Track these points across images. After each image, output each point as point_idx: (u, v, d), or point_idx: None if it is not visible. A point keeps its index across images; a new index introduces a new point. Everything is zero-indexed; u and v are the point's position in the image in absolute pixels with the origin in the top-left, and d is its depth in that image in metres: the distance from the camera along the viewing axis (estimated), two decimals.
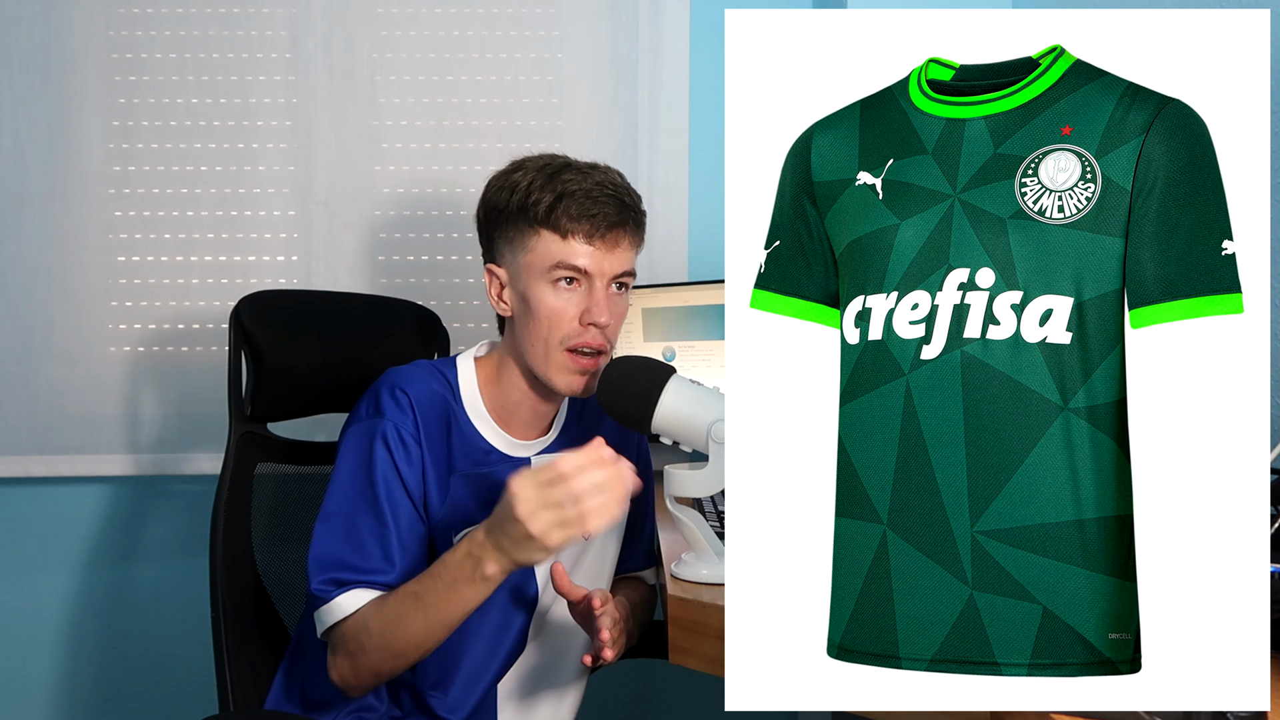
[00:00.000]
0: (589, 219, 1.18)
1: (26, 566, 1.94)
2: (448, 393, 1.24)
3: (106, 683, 1.96)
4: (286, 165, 1.92)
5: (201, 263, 1.92)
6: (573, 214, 1.17)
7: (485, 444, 1.24)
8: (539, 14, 1.93)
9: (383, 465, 1.17)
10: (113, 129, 1.90)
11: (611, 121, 1.93)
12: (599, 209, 1.18)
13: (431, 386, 1.22)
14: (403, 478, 1.18)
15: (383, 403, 1.20)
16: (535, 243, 1.19)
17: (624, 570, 1.39)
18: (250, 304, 1.35)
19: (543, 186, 1.18)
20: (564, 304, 1.19)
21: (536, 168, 1.21)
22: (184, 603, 1.89)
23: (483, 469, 1.23)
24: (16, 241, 1.88)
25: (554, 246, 1.18)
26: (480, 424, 1.25)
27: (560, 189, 1.18)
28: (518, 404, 1.26)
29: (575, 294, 1.19)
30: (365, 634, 1.12)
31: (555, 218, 1.18)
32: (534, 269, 1.19)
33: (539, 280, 1.19)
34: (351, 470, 1.18)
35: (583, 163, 1.23)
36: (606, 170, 1.23)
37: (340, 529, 1.16)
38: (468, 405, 1.25)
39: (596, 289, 1.20)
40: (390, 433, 1.18)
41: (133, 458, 1.89)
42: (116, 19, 1.89)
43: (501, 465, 1.24)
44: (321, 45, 1.91)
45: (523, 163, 1.23)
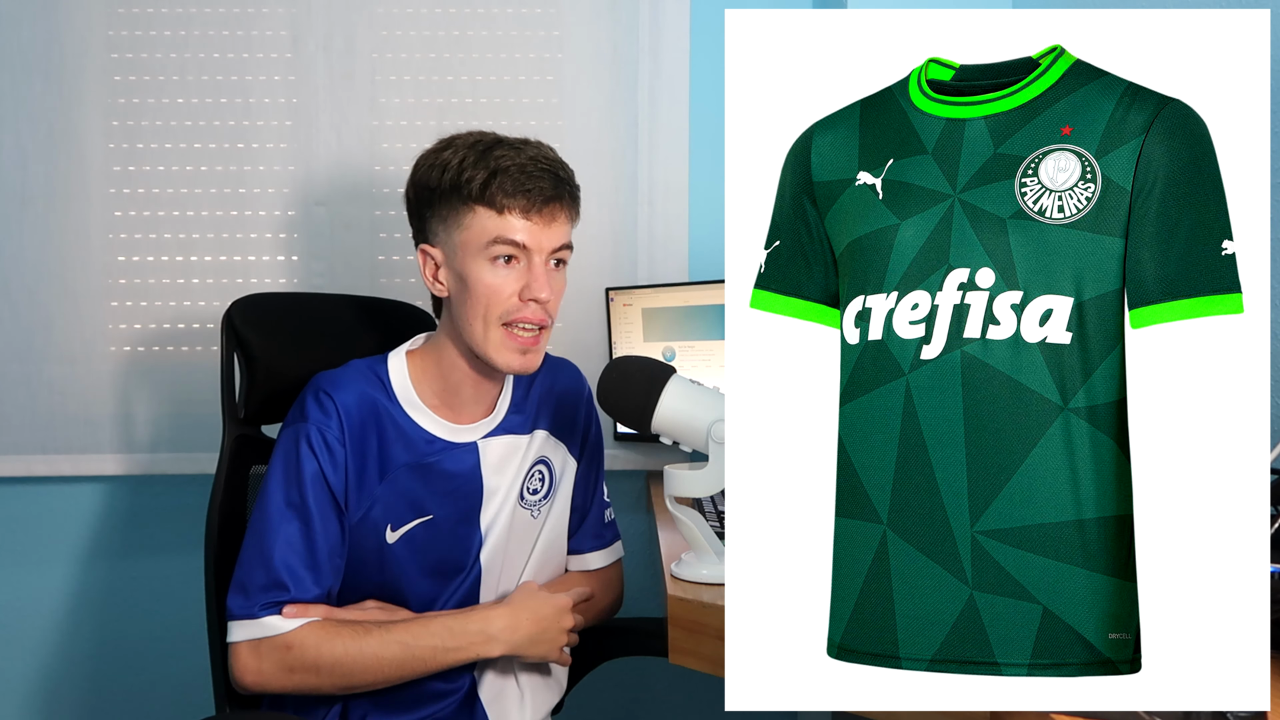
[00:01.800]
0: (524, 194, 1.16)
1: (25, 565, 1.94)
2: (379, 391, 1.24)
3: (103, 682, 1.96)
4: (286, 165, 1.92)
5: (202, 262, 1.92)
6: (508, 189, 1.16)
7: (426, 434, 1.24)
8: (539, 14, 1.93)
9: (309, 468, 1.18)
10: (113, 129, 1.90)
11: (611, 121, 1.93)
12: (534, 184, 1.16)
13: (359, 388, 1.22)
14: (327, 480, 1.19)
15: (307, 407, 1.21)
16: (470, 220, 1.18)
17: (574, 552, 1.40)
18: (242, 307, 1.34)
19: (475, 163, 1.17)
20: (502, 281, 1.18)
21: (467, 145, 1.19)
22: (183, 603, 1.89)
23: (428, 459, 1.24)
24: (17, 241, 1.88)
25: (490, 223, 1.17)
26: (418, 415, 1.24)
27: (494, 165, 1.16)
28: (459, 385, 1.25)
29: (513, 270, 1.18)
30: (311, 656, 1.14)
31: (490, 194, 1.16)
32: (470, 246, 1.18)
33: (476, 258, 1.18)
34: (279, 475, 1.19)
35: (514, 138, 1.22)
36: (539, 145, 1.21)
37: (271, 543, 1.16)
38: (402, 400, 1.24)
39: (535, 264, 1.18)
40: (314, 435, 1.18)
41: (133, 457, 1.90)
42: (116, 19, 1.89)
43: (446, 453, 1.25)
44: (321, 45, 1.91)
45: (452, 140, 1.22)
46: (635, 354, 1.32)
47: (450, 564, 1.26)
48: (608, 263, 1.92)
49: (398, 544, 1.23)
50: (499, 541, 1.29)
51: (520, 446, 1.31)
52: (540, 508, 1.34)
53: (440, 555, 1.26)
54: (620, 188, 1.91)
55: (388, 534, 1.23)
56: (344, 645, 1.15)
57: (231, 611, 1.16)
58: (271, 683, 1.16)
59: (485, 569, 1.28)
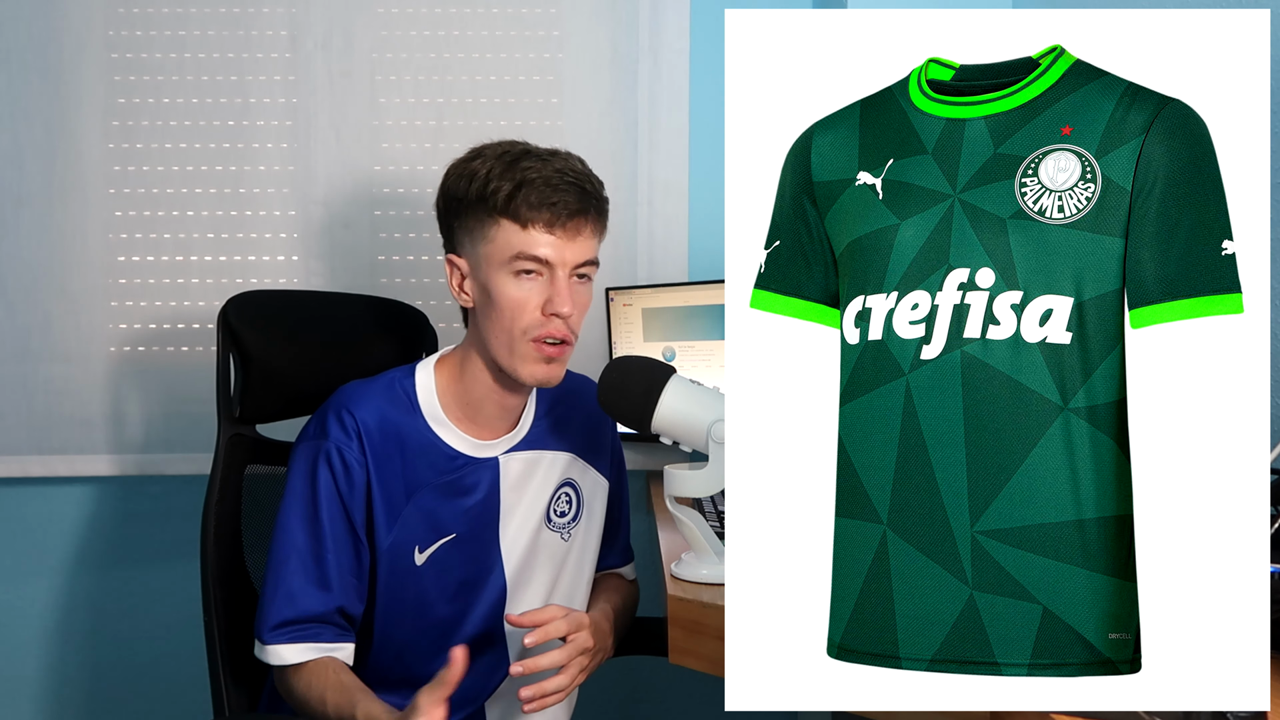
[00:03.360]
0: (549, 207, 1.14)
1: (22, 566, 1.94)
2: (403, 410, 1.22)
3: (100, 682, 1.96)
4: (286, 165, 1.92)
5: (201, 262, 1.91)
6: (532, 202, 1.14)
7: (450, 450, 1.23)
8: (539, 14, 1.93)
9: (325, 487, 1.18)
10: (112, 129, 1.90)
11: (611, 121, 1.93)
12: (559, 197, 1.15)
13: (382, 410, 1.21)
14: (343, 500, 1.18)
15: (328, 424, 1.20)
16: (495, 233, 1.16)
17: (603, 568, 1.40)
18: (238, 304, 1.33)
19: (501, 175, 1.15)
20: (525, 294, 1.16)
21: (495, 155, 1.18)
22: (182, 604, 1.89)
23: (449, 476, 1.22)
24: (15, 241, 1.88)
25: (514, 236, 1.15)
26: (442, 431, 1.23)
27: (519, 177, 1.14)
28: (483, 399, 1.24)
29: (537, 284, 1.17)
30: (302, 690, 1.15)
31: (515, 206, 1.14)
32: (494, 259, 1.17)
33: (499, 271, 1.16)
34: (297, 491, 1.19)
35: (542, 149, 1.20)
36: (567, 157, 1.19)
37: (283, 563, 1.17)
38: (428, 415, 1.23)
39: (558, 279, 1.16)
40: (333, 455, 1.18)
41: (131, 458, 1.89)
42: (116, 19, 1.89)
43: (469, 469, 1.23)
44: (321, 45, 1.91)
45: (481, 150, 1.20)
46: (635, 354, 1.31)
47: (474, 582, 1.24)
48: (607, 263, 1.90)
49: (425, 565, 1.22)
50: (522, 560, 1.27)
51: (542, 464, 1.29)
52: (571, 530, 1.32)
53: (464, 574, 1.24)
54: (620, 188, 1.91)
55: (416, 556, 1.21)
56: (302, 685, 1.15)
57: (256, 630, 1.18)
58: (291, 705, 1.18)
59: (511, 588, 1.26)
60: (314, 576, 1.17)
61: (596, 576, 1.39)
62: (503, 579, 1.26)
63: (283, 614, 1.16)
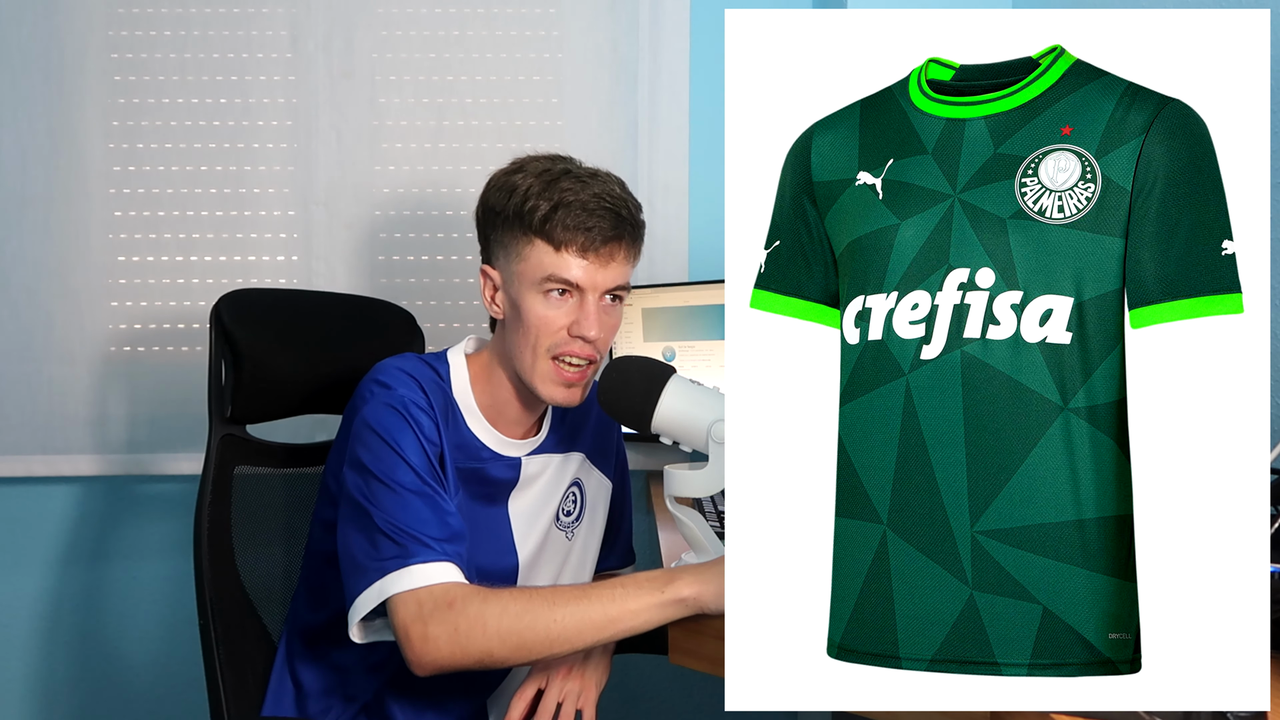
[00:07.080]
0: (584, 232, 1.14)
1: (23, 566, 1.94)
2: (444, 391, 1.22)
3: (104, 681, 1.96)
4: (286, 165, 1.92)
5: (202, 262, 1.92)
6: (568, 225, 1.14)
7: (477, 440, 1.23)
8: (539, 14, 1.93)
9: (410, 441, 1.12)
10: (113, 129, 1.90)
11: (611, 121, 1.93)
12: (595, 222, 1.14)
13: (430, 375, 1.20)
14: (426, 450, 1.13)
15: (391, 380, 1.16)
16: (529, 251, 1.16)
17: (603, 569, 1.40)
18: (230, 302, 1.31)
19: (540, 194, 1.15)
20: (553, 314, 1.16)
21: (536, 172, 1.17)
22: (174, 602, 1.90)
23: (475, 464, 1.22)
24: (17, 241, 1.88)
25: (547, 258, 1.15)
26: (472, 421, 1.23)
27: (557, 199, 1.14)
28: (505, 404, 1.25)
29: (566, 305, 1.17)
30: (474, 616, 1.04)
31: (550, 229, 1.14)
32: (526, 278, 1.17)
33: (530, 289, 1.16)
34: (382, 450, 1.11)
35: (584, 169, 1.19)
36: (606, 179, 1.18)
37: (397, 515, 1.08)
38: (460, 401, 1.23)
39: (588, 302, 1.16)
40: (408, 403, 1.14)
41: (131, 458, 1.90)
42: (116, 19, 1.90)
43: (493, 462, 1.24)
44: (321, 45, 1.91)
45: (524, 164, 1.20)
46: (635, 354, 1.31)
47: (489, 574, 1.22)
48: None
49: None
50: (531, 557, 1.27)
51: (556, 465, 1.30)
52: (574, 529, 1.33)
53: (482, 563, 1.22)
54: None
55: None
56: (494, 605, 1.04)
57: (360, 586, 1.07)
58: (443, 652, 1.04)
59: (521, 584, 1.26)
60: (438, 506, 1.11)
61: (596, 577, 1.39)
62: (515, 575, 1.26)
63: (429, 531, 1.08)
